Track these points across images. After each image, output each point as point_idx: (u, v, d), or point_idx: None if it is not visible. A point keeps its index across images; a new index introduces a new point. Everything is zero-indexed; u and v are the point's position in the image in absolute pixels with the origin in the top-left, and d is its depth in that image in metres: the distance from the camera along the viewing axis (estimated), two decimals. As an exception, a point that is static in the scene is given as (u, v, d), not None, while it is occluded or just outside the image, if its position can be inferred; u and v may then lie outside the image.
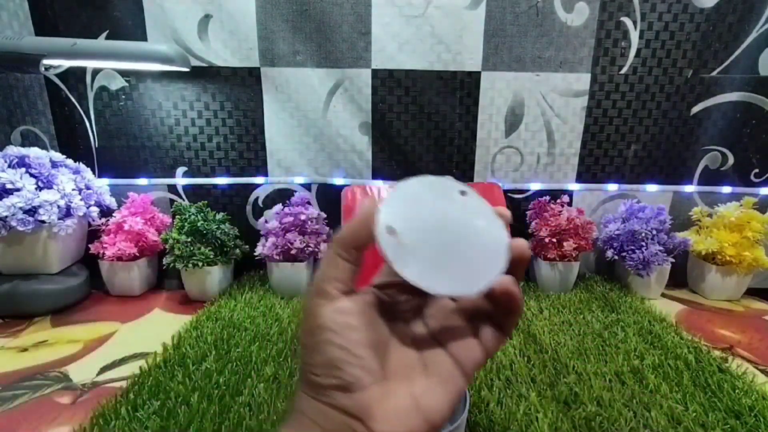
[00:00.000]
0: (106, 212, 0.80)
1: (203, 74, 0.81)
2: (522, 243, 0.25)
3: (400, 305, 0.25)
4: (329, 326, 0.19)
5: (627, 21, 0.79)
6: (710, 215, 0.83)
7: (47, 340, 0.64)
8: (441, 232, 0.22)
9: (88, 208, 0.75)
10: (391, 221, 0.20)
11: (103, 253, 0.77)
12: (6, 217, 0.65)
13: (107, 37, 0.78)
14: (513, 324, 0.22)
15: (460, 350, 0.23)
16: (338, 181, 0.87)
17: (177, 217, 0.77)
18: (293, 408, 0.21)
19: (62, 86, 0.80)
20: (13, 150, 0.70)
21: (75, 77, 0.80)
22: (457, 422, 0.32)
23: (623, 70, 0.81)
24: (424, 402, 0.20)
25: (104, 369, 0.56)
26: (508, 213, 0.26)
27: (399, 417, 0.19)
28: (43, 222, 0.68)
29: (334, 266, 0.20)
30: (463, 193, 0.24)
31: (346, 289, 0.20)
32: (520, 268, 0.23)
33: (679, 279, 0.85)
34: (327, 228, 0.81)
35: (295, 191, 0.88)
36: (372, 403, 0.19)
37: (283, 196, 0.87)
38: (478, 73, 0.82)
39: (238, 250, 0.81)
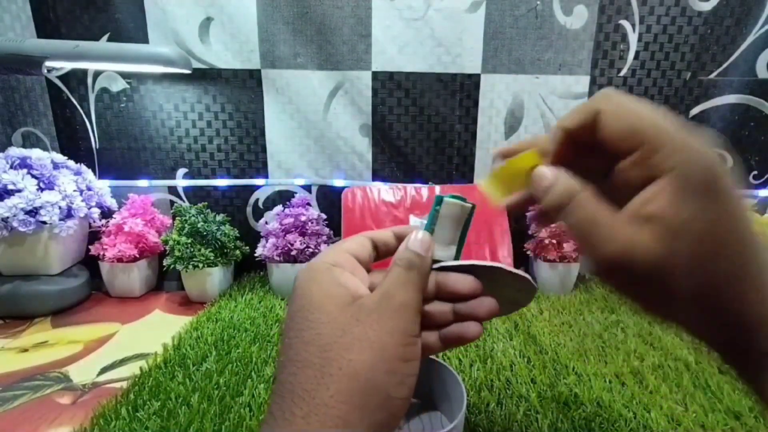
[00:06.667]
0: (107, 213, 0.81)
1: (204, 76, 0.82)
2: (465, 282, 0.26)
3: None
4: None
5: (625, 24, 0.79)
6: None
7: (48, 340, 0.64)
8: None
9: (89, 209, 0.75)
10: None
11: (104, 255, 0.77)
12: (7, 217, 0.65)
13: (109, 40, 0.79)
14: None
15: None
16: (338, 182, 0.88)
17: (177, 218, 0.77)
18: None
19: (63, 88, 0.81)
20: (15, 151, 0.70)
21: (76, 79, 0.81)
22: (455, 422, 0.32)
23: (622, 73, 0.81)
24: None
25: (104, 369, 0.56)
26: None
27: None
28: (44, 223, 0.68)
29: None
30: None
31: None
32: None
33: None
34: (327, 229, 0.81)
35: (296, 193, 0.88)
36: None
37: (283, 197, 0.87)
38: (478, 76, 0.82)
39: (238, 252, 0.81)
